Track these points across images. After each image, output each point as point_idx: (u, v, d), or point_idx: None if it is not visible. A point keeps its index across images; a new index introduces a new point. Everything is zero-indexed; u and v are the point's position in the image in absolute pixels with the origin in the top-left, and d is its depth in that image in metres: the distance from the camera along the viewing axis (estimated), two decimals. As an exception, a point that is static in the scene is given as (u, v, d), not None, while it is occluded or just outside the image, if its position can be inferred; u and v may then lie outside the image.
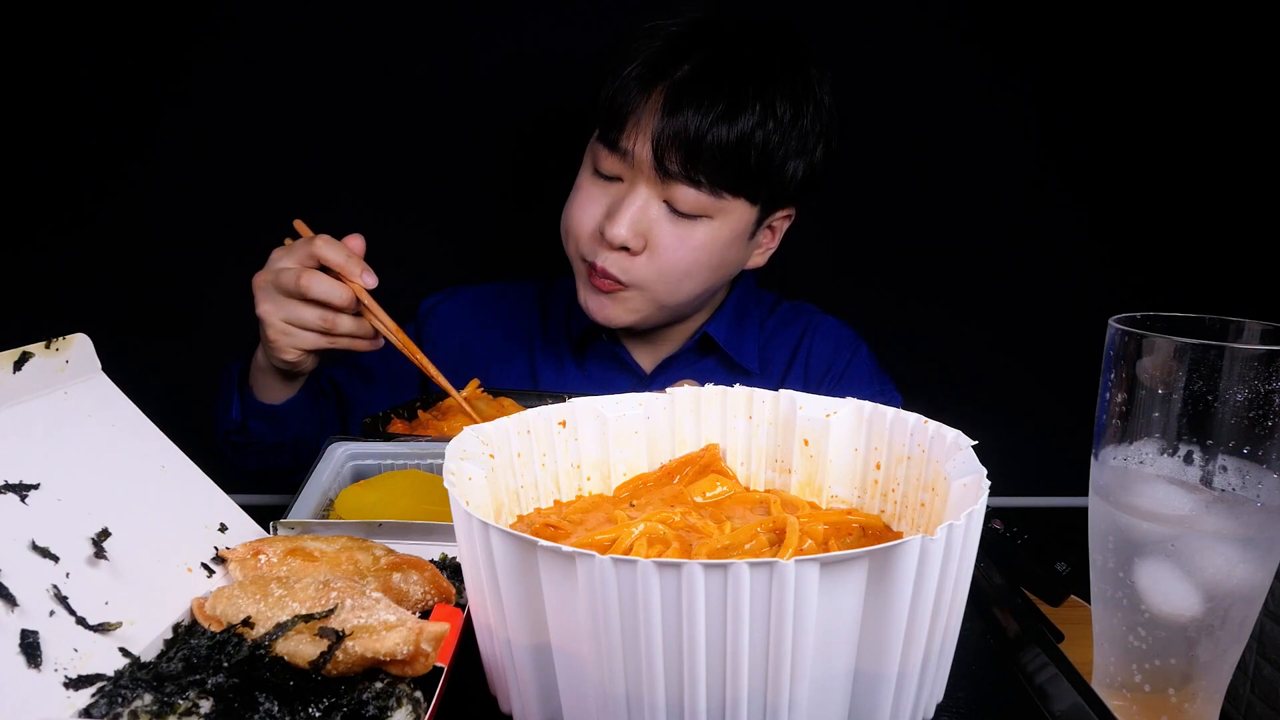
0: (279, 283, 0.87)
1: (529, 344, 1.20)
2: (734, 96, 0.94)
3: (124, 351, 0.69)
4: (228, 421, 1.01)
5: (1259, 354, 0.53)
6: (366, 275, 0.88)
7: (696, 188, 0.96)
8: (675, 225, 0.99)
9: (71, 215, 1.28)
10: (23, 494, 0.53)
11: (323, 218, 1.30)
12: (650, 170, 0.97)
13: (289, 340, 0.88)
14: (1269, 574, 0.57)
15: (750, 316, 1.19)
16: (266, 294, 0.88)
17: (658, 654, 0.42)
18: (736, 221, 1.02)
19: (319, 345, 0.89)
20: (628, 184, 1.00)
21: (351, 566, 0.59)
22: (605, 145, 1.00)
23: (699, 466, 0.65)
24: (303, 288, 0.85)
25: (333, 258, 0.86)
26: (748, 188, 0.99)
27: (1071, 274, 1.39)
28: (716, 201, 0.98)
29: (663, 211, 0.99)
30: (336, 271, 0.87)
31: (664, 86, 0.95)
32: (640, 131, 0.96)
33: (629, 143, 0.97)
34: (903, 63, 1.31)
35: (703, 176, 0.96)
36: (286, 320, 0.87)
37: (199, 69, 1.25)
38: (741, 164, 0.96)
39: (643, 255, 1.00)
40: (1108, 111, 1.33)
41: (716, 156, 0.95)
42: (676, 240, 0.99)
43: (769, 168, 0.98)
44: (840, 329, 1.21)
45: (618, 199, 1.00)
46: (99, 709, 0.46)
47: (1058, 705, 0.53)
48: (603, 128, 1.00)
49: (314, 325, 0.87)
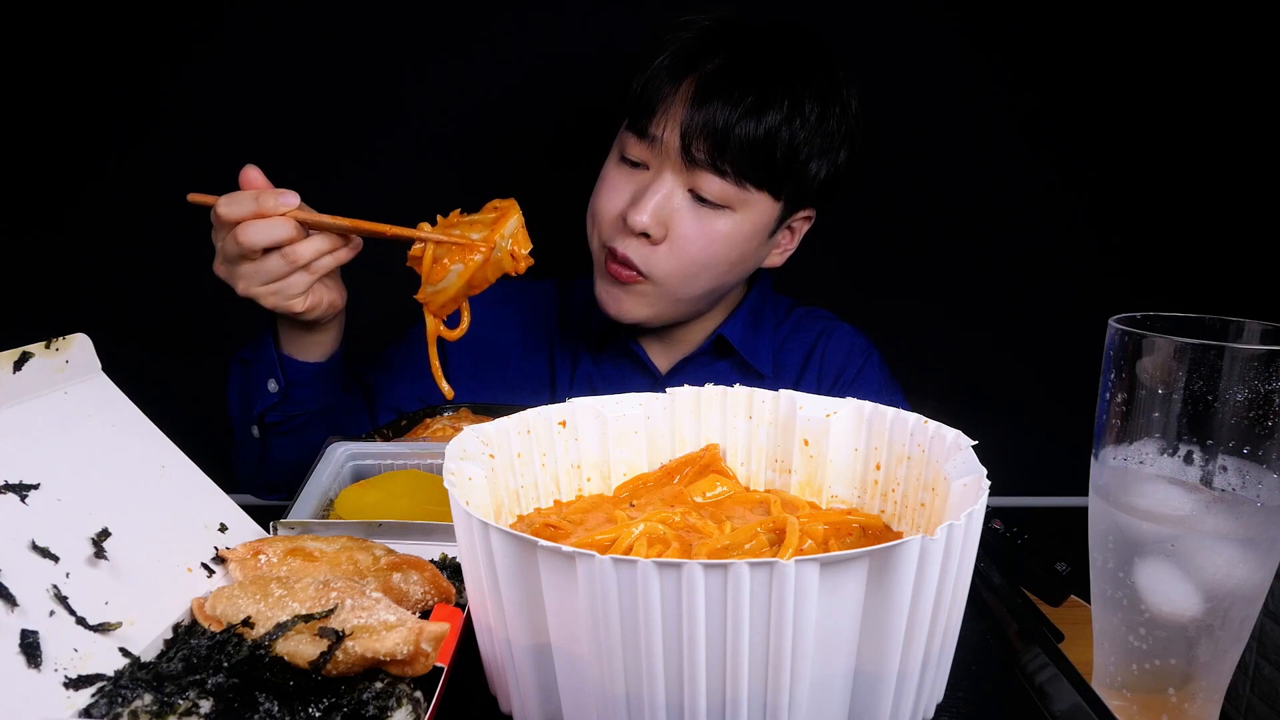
0: (227, 256, 0.84)
1: (548, 341, 1.20)
2: (764, 91, 0.96)
3: (124, 351, 0.69)
4: (264, 400, 0.98)
5: (1259, 354, 0.53)
6: (282, 199, 0.82)
7: (722, 177, 0.98)
8: (697, 215, 1.00)
9: (72, 215, 1.28)
10: (23, 494, 0.53)
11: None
12: (677, 157, 0.98)
13: (282, 297, 0.86)
14: (1269, 574, 0.57)
15: (766, 320, 1.19)
16: (231, 273, 0.86)
17: (658, 654, 0.42)
18: (758, 216, 1.02)
19: (307, 282, 0.86)
20: (654, 171, 1.01)
21: (351, 566, 0.59)
22: (634, 133, 1.01)
23: (699, 466, 0.65)
24: (244, 246, 0.81)
25: (242, 210, 0.81)
26: (772, 182, 1.00)
27: (1071, 274, 1.39)
28: (740, 193, 0.99)
29: (686, 201, 1.00)
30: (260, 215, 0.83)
31: (695, 77, 0.97)
32: (669, 119, 0.97)
33: (658, 129, 0.98)
34: (903, 66, 1.31)
35: (729, 166, 0.97)
36: (264, 283, 0.84)
37: (199, 69, 1.25)
38: (767, 158, 0.97)
39: (663, 245, 1.01)
40: (1108, 112, 1.33)
41: (744, 148, 0.96)
42: (697, 230, 1.00)
43: (793, 164, 0.99)
44: (854, 336, 1.22)
45: (643, 186, 1.01)
46: (99, 709, 0.46)
47: (1058, 705, 0.54)
48: (632, 116, 1.01)
49: (284, 270, 0.84)
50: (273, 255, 0.83)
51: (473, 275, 0.82)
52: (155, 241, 1.30)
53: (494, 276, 0.84)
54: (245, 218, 0.81)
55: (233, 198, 0.82)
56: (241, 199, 0.82)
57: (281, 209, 0.82)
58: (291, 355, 0.97)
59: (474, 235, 0.82)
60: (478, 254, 0.81)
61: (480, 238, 0.82)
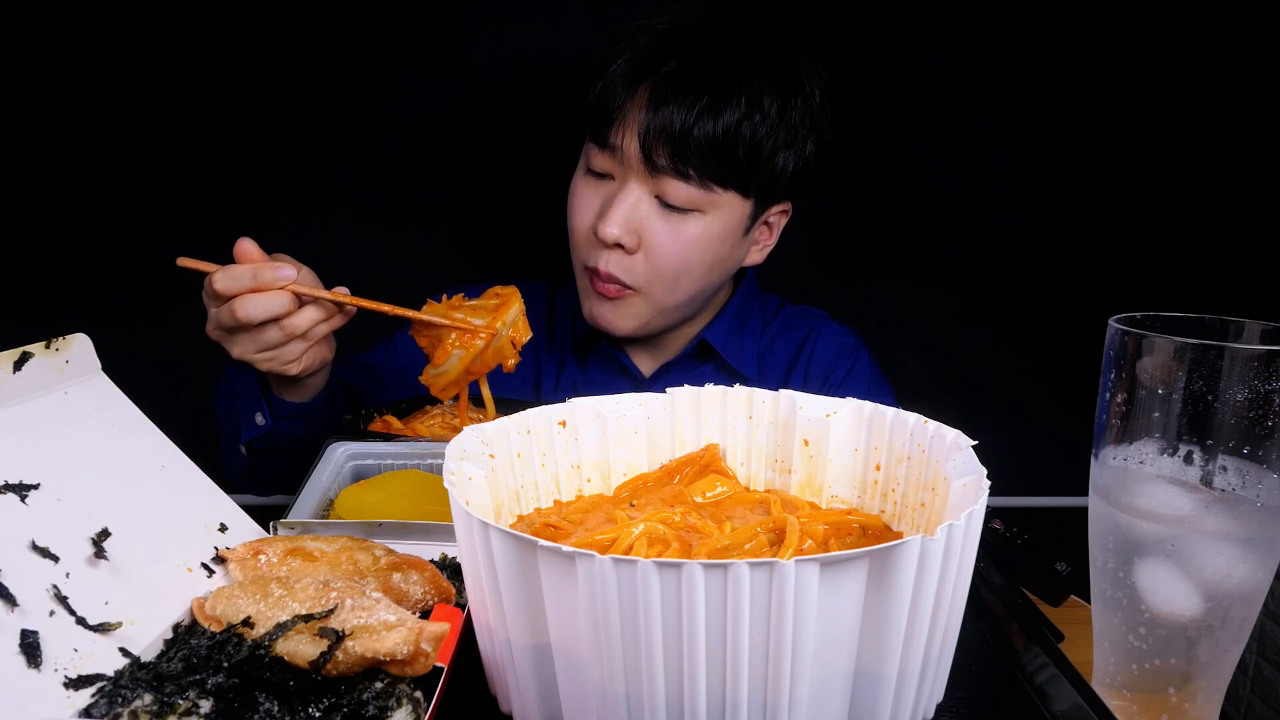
0: (223, 325, 0.84)
1: (534, 344, 1.20)
2: (719, 90, 0.95)
3: (124, 351, 0.69)
4: (251, 431, 0.98)
5: (1259, 354, 0.53)
6: (279, 272, 0.82)
7: (686, 181, 0.97)
8: (667, 221, 0.99)
9: (72, 215, 1.28)
10: (23, 494, 0.53)
11: (324, 219, 1.31)
12: (639, 165, 0.97)
13: (278, 363, 0.86)
14: (1269, 574, 0.57)
15: (752, 321, 1.18)
16: (226, 340, 0.85)
17: (658, 654, 0.42)
18: (729, 216, 1.01)
19: (302, 349, 0.86)
20: (619, 181, 1.00)
21: (351, 566, 0.59)
22: (595, 143, 1.00)
23: (699, 466, 0.65)
24: (241, 320, 0.81)
25: (239, 285, 0.81)
26: (738, 181, 0.99)
27: (1071, 274, 1.39)
28: (708, 195, 0.98)
29: (654, 207, 0.99)
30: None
31: (650, 83, 0.96)
32: (628, 127, 0.97)
33: (618, 138, 0.98)
34: (902, 62, 1.31)
35: (691, 169, 0.96)
36: (260, 350, 0.85)
37: (196, 72, 1.25)
38: (729, 156, 0.96)
39: (639, 254, 1.00)
40: (1108, 111, 1.33)
41: (704, 149, 0.95)
42: (669, 235, 1.00)
43: (758, 160, 0.98)
44: (844, 337, 1.20)
45: (610, 196, 1.00)
46: (99, 709, 0.46)
47: (1058, 705, 0.54)
48: (592, 126, 1.01)
49: (280, 340, 0.84)
50: (270, 326, 0.83)
51: (472, 361, 0.84)
52: (156, 241, 1.29)
53: (493, 364, 0.86)
54: (242, 292, 0.81)
55: (229, 272, 0.81)
56: (239, 274, 0.81)
57: (279, 283, 0.82)
58: (279, 395, 0.97)
59: (476, 321, 0.84)
60: (479, 339, 0.83)
61: (483, 324, 0.84)
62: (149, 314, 1.30)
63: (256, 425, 0.98)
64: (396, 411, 0.97)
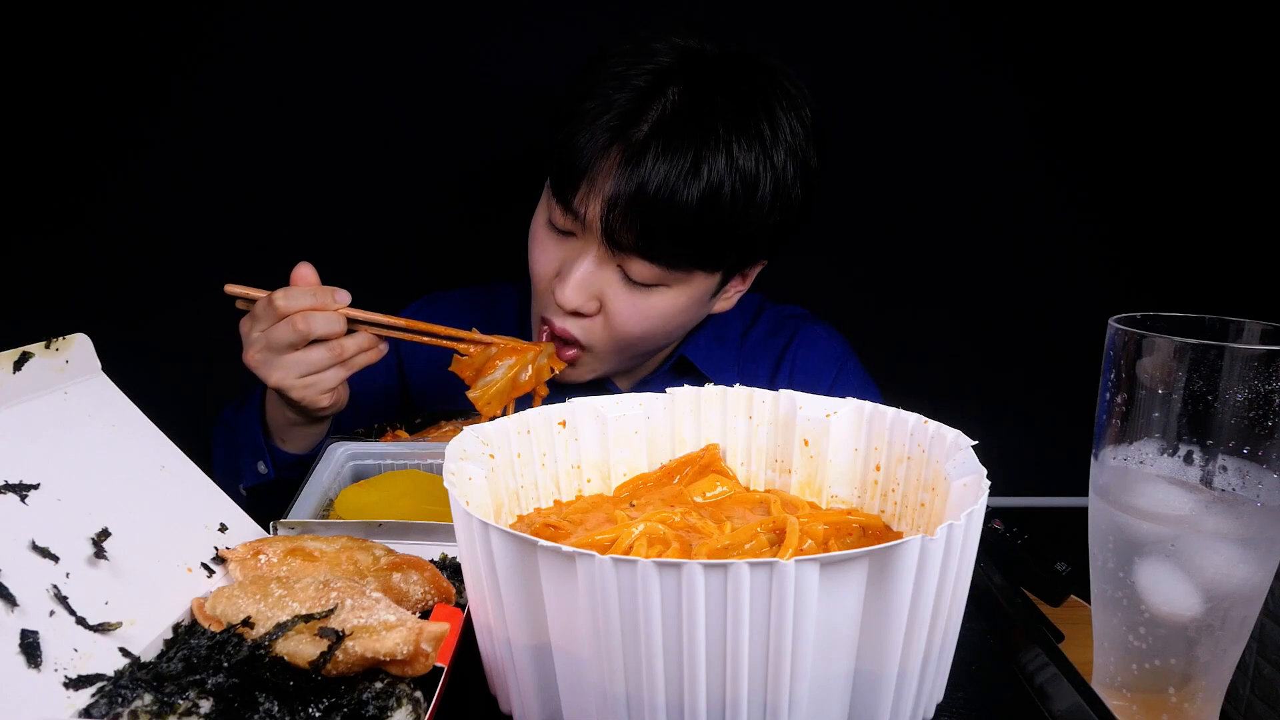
0: (275, 344, 0.84)
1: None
2: (693, 170, 0.86)
3: (124, 351, 0.69)
4: (252, 479, 0.98)
5: (1259, 354, 0.53)
6: (338, 295, 0.86)
7: (652, 262, 0.90)
8: (630, 293, 0.93)
9: (72, 215, 1.28)
10: (23, 494, 0.53)
11: (320, 221, 1.31)
12: (602, 239, 0.90)
13: (315, 390, 0.87)
14: (1269, 574, 0.57)
15: (730, 330, 1.13)
16: (268, 364, 0.86)
17: (658, 654, 0.42)
18: (696, 289, 0.95)
19: (340, 378, 0.88)
20: (580, 243, 0.92)
21: (351, 566, 0.59)
22: (558, 199, 0.92)
23: (699, 466, 0.65)
24: (302, 333, 0.83)
25: (301, 303, 0.84)
26: (707, 262, 0.93)
27: (1071, 274, 1.39)
28: (674, 274, 0.92)
29: (616, 276, 0.93)
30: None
31: (620, 148, 0.87)
32: (594, 195, 0.88)
33: (581, 206, 0.90)
34: (900, 63, 1.31)
35: (658, 253, 0.89)
36: (302, 375, 0.86)
37: (194, 73, 1.25)
38: (700, 244, 0.90)
39: (598, 318, 0.95)
40: (1107, 111, 1.33)
41: (673, 236, 0.88)
42: (631, 308, 0.94)
43: (731, 242, 0.92)
44: (828, 341, 1.15)
45: (570, 258, 0.93)
46: (99, 709, 0.46)
47: (1058, 705, 0.54)
48: (554, 178, 0.92)
49: (326, 363, 0.86)
50: (319, 347, 0.86)
51: (519, 372, 0.91)
52: (156, 242, 1.30)
53: (533, 384, 0.92)
54: (305, 309, 0.84)
55: (289, 292, 0.85)
56: (299, 294, 0.85)
57: (338, 304, 0.86)
58: (280, 447, 0.97)
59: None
60: (529, 353, 0.92)
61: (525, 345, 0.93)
62: (149, 314, 1.30)
63: (259, 474, 0.98)
64: (409, 427, 0.96)
